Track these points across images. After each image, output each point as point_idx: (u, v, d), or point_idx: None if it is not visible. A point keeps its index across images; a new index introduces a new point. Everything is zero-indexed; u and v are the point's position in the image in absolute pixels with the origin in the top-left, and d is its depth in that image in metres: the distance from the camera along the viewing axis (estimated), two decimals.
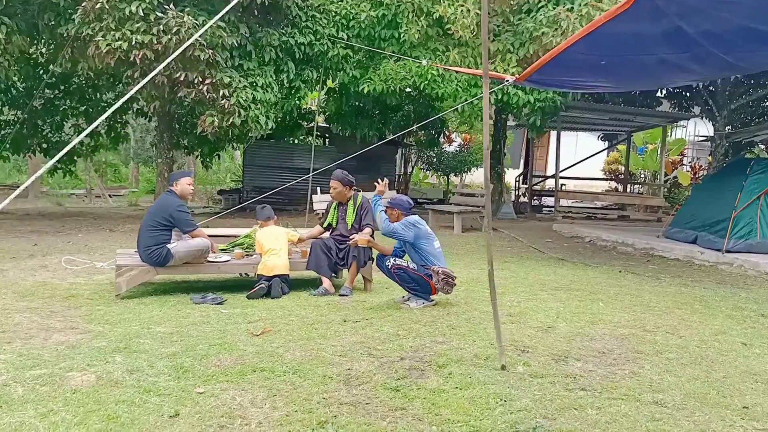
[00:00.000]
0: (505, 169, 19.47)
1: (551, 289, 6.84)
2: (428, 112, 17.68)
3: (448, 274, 5.47)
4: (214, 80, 11.14)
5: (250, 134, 12.56)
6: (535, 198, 20.82)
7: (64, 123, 16.06)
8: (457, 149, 24.51)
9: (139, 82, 11.03)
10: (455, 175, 24.06)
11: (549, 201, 20.61)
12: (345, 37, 12.86)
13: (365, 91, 13.26)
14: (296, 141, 19.48)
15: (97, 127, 16.71)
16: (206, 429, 3.14)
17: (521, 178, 22.16)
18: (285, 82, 12.78)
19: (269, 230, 6.32)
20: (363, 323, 5.01)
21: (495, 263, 8.93)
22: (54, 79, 15.19)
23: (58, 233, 11.62)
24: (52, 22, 11.39)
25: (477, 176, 26.20)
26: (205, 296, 5.77)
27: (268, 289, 5.95)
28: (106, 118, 16.63)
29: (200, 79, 11.04)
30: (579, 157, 20.92)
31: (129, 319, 5.06)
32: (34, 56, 13.79)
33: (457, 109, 12.90)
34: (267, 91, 11.91)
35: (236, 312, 5.34)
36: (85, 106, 15.97)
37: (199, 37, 10.58)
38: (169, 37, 10.38)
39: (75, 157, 16.59)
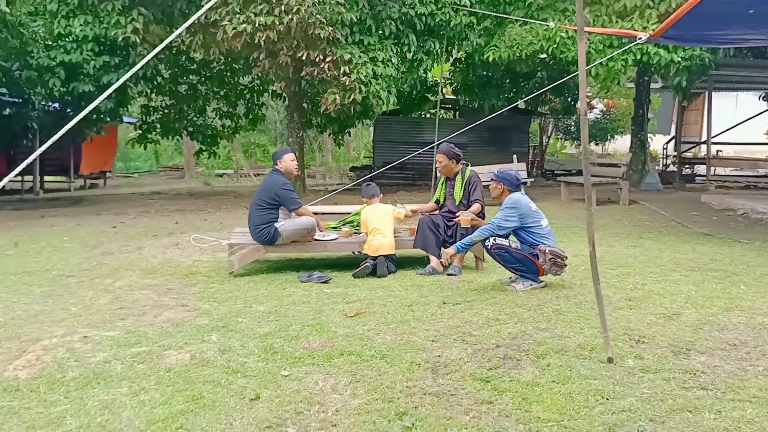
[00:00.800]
0: (650, 136, 18.05)
1: (686, 269, 6.14)
2: (562, 78, 16.74)
3: (556, 253, 5.04)
4: (334, 57, 11.20)
5: (371, 110, 12.55)
6: (686, 166, 19.12)
7: (206, 107, 17.04)
8: (598, 116, 23.11)
9: (264, 64, 11.46)
10: (596, 143, 22.72)
11: (702, 169, 18.85)
12: (468, 3, 12.40)
13: (490, 59, 12.75)
14: (425, 114, 19.30)
15: (236, 110, 17.62)
16: (282, 414, 3.08)
17: (670, 144, 20.43)
18: (407, 55, 12.59)
19: (374, 208, 6.21)
20: (463, 306, 4.76)
21: (629, 239, 8.31)
22: (195, 65, 16.16)
23: (200, 211, 12.37)
24: (186, 10, 11.99)
25: (621, 144, 24.57)
26: (311, 274, 5.80)
27: (373, 268, 5.86)
28: (244, 101, 17.47)
29: (321, 57, 11.15)
30: (738, 119, 18.87)
31: (235, 297, 5.19)
32: (175, 45, 14.67)
33: (589, 72, 12.02)
34: (388, 66, 11.80)
35: (338, 291, 5.30)
36: (224, 90, 16.82)
37: (317, 14, 10.65)
38: (290, 16, 10.54)
39: (218, 139, 17.58)
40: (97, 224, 10.59)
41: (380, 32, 12.19)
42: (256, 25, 10.66)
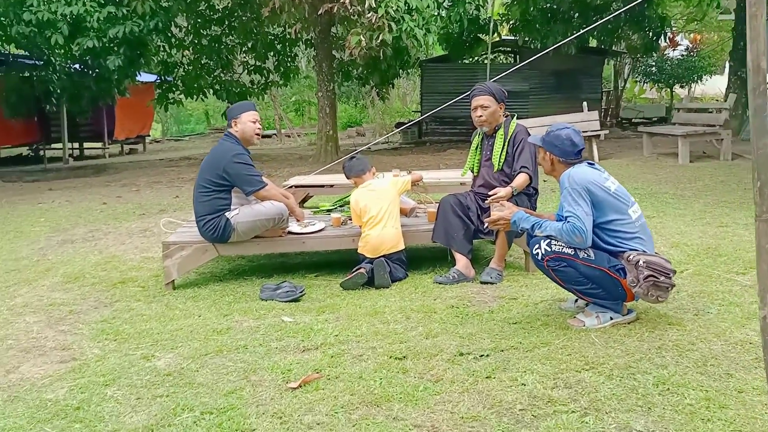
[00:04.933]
0: None
1: None
2: (643, 11, 14.05)
3: (657, 266, 2.91)
4: None
5: (407, 54, 10.46)
6: None
7: (232, 61, 15.30)
8: (683, 54, 20.02)
9: (275, 1, 9.54)
10: (681, 86, 19.71)
11: None
12: None
13: None
14: (480, 60, 16.92)
15: (265, 64, 15.79)
16: None
17: None
18: None
19: (366, 190, 4.24)
20: (491, 362, 2.77)
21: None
22: (218, 14, 14.41)
23: None
24: None
25: (710, 86, 21.34)
26: (280, 286, 3.94)
27: (369, 274, 3.97)
28: (275, 53, 15.64)
29: None
30: None
31: (147, 332, 3.40)
32: None
33: None
34: None
35: (303, 322, 3.41)
36: (251, 41, 15.02)
37: None
38: None
39: (248, 96, 15.85)
40: (90, 200, 9.12)
41: None
42: None
